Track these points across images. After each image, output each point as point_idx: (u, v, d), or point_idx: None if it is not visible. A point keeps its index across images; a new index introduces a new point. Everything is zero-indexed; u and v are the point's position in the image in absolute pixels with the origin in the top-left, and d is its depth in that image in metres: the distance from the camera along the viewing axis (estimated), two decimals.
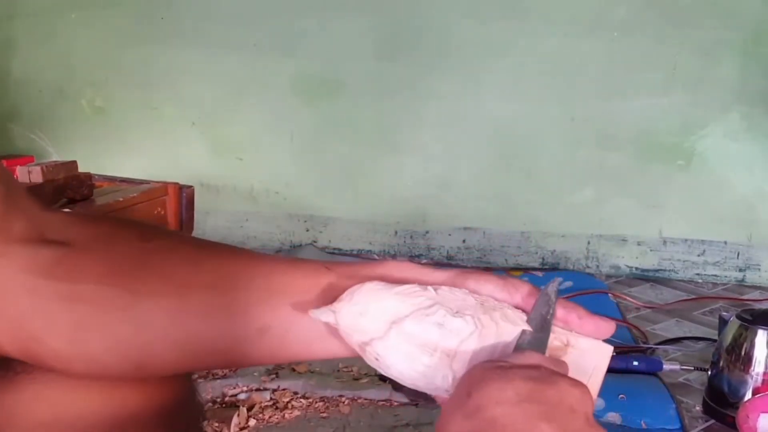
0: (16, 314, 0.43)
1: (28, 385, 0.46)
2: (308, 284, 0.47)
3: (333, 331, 0.46)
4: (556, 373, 0.40)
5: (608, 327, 0.47)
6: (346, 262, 0.50)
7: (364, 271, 0.48)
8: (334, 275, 0.48)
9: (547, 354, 0.45)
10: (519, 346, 0.44)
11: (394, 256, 2.05)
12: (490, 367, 0.40)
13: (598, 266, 1.99)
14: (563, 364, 0.44)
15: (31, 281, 0.43)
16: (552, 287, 0.47)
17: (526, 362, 0.41)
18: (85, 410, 0.47)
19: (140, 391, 0.49)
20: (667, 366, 1.31)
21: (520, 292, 0.47)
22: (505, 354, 0.44)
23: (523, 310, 0.47)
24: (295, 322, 0.46)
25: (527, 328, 0.45)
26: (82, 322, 0.44)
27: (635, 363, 1.30)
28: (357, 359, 0.45)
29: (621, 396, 1.19)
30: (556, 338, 0.46)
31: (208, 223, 2.07)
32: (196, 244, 0.50)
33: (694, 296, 1.80)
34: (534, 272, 1.88)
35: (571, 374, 0.43)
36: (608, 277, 1.96)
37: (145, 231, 0.49)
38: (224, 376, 1.29)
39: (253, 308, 0.46)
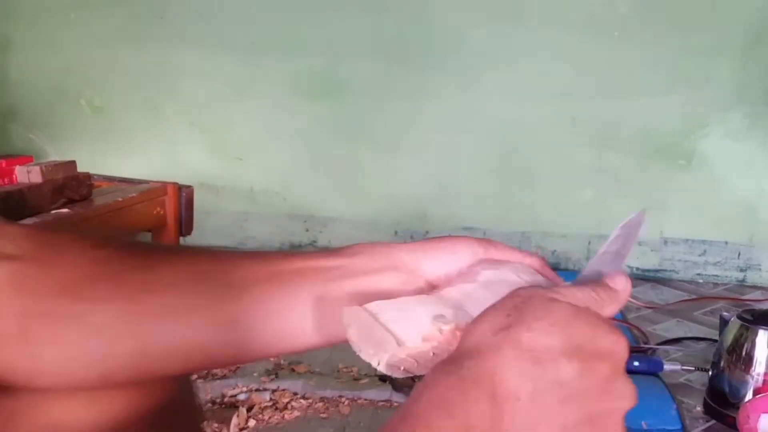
0: None
1: (25, 393, 0.45)
2: (268, 272, 0.46)
3: (311, 318, 0.45)
4: (600, 317, 0.39)
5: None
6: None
7: (328, 261, 0.47)
8: (297, 260, 0.47)
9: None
10: (579, 280, 0.44)
11: None
12: (535, 293, 0.40)
13: None
14: (616, 297, 0.42)
15: None
16: (636, 221, 0.47)
17: (575, 297, 0.40)
18: (82, 417, 0.47)
19: (137, 396, 0.48)
20: (667, 366, 1.30)
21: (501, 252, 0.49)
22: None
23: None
24: (263, 313, 0.45)
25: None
26: (39, 337, 0.43)
27: (636, 363, 1.30)
28: (357, 359, 0.44)
29: None
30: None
31: (207, 224, 2.07)
32: (149, 249, 0.49)
33: (694, 296, 1.79)
34: None
35: None
36: None
37: (97, 240, 0.48)
38: (223, 377, 1.29)
39: (216, 304, 0.45)
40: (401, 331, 0.42)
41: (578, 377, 0.37)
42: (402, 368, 0.41)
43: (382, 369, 0.41)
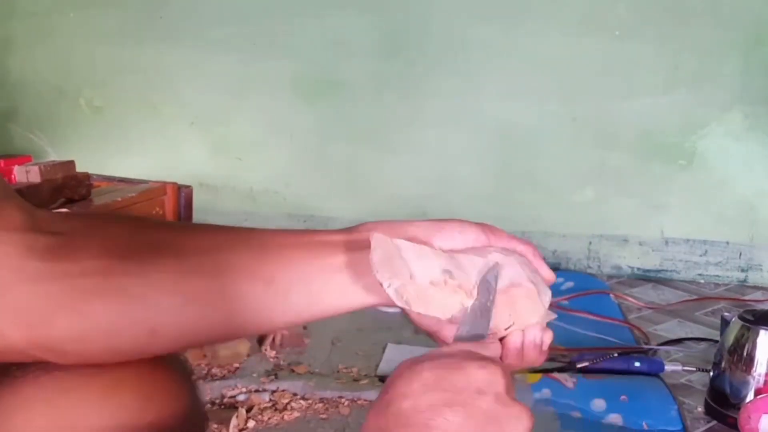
0: (18, 301, 0.43)
1: (26, 390, 0.45)
2: (295, 241, 0.50)
3: (348, 281, 0.49)
4: (466, 359, 0.42)
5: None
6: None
7: (339, 236, 0.51)
8: (317, 234, 0.51)
9: (489, 336, 0.49)
10: (456, 338, 0.48)
11: None
12: (404, 364, 0.43)
13: (599, 266, 1.98)
14: (491, 346, 0.47)
15: (31, 266, 0.43)
16: (491, 275, 0.51)
17: (444, 352, 0.44)
18: (81, 415, 0.47)
19: (138, 396, 0.48)
20: (668, 367, 1.30)
21: (500, 239, 0.54)
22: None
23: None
24: (298, 275, 0.48)
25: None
26: (90, 293, 0.44)
27: (637, 364, 1.29)
28: (357, 360, 0.46)
29: (622, 397, 1.18)
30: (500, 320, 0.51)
31: None
32: (184, 223, 0.52)
33: (695, 297, 1.79)
34: None
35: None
36: (610, 277, 1.95)
37: (135, 217, 0.51)
38: (223, 378, 1.29)
39: (254, 263, 0.48)
40: (415, 269, 0.49)
41: (467, 419, 0.39)
42: (404, 298, 0.48)
43: (390, 293, 0.47)
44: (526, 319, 0.51)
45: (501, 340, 0.51)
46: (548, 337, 0.52)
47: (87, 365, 0.47)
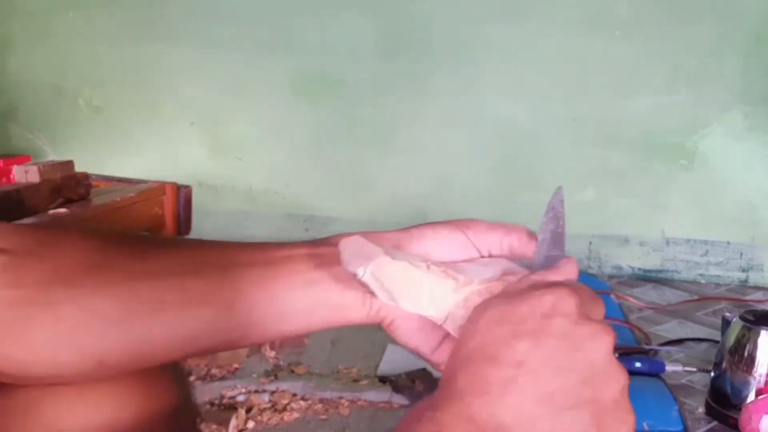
0: None
1: (21, 395, 0.45)
2: (260, 258, 0.47)
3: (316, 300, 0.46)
4: (530, 288, 0.40)
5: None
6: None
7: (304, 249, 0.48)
8: (287, 248, 0.48)
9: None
10: (532, 271, 0.46)
11: None
12: (474, 309, 0.41)
13: (600, 267, 1.98)
14: (564, 269, 0.45)
15: None
16: (557, 199, 0.48)
17: (511, 288, 0.42)
18: (76, 420, 0.46)
19: (132, 398, 0.48)
20: (669, 367, 1.30)
21: (477, 232, 0.50)
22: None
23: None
24: (256, 298, 0.45)
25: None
26: (33, 324, 0.43)
27: (637, 364, 1.29)
28: (357, 360, 0.44)
29: None
30: None
31: (206, 224, 2.05)
32: (141, 239, 0.50)
33: (696, 297, 1.78)
34: None
35: None
36: (610, 277, 1.95)
37: (86, 233, 0.48)
38: (222, 378, 1.29)
39: (208, 288, 0.45)
40: (391, 252, 0.44)
41: (536, 347, 0.37)
42: (386, 286, 0.43)
43: (367, 280, 0.42)
44: None
45: None
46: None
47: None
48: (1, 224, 0.47)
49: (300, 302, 0.46)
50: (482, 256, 0.50)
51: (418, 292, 0.44)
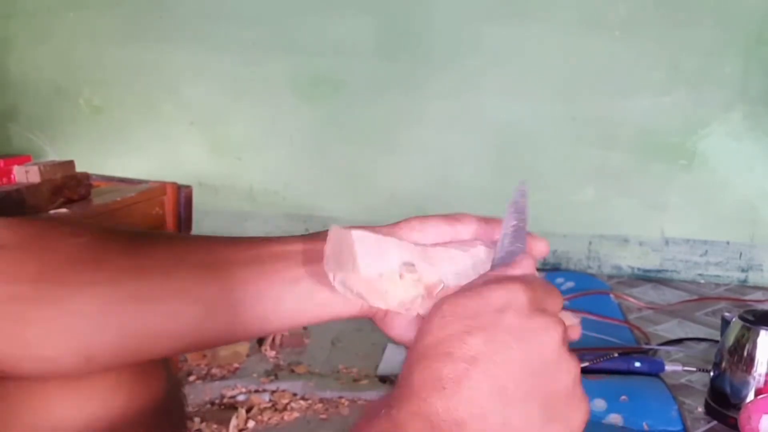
0: None
1: (10, 389, 0.45)
2: (249, 255, 0.48)
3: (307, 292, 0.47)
4: (483, 284, 0.41)
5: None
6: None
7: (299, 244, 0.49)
8: (276, 243, 0.48)
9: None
10: (492, 266, 0.47)
11: None
12: (436, 303, 0.42)
13: (599, 266, 1.98)
14: (523, 263, 0.45)
15: None
16: (519, 194, 0.50)
17: (467, 284, 0.43)
18: (65, 413, 0.47)
19: (116, 395, 0.48)
20: (669, 367, 1.30)
21: (467, 226, 0.51)
22: None
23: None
24: (245, 294, 0.46)
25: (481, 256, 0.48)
26: (22, 321, 0.43)
27: (637, 364, 1.29)
28: (357, 360, 0.45)
29: (623, 397, 1.18)
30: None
31: (206, 223, 2.06)
32: (130, 235, 0.50)
33: (696, 297, 1.79)
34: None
35: None
36: (610, 277, 1.95)
37: (76, 228, 0.48)
38: (223, 378, 1.29)
39: (196, 285, 0.46)
40: (364, 262, 0.45)
41: (489, 341, 0.38)
42: (355, 292, 0.45)
43: (337, 286, 0.45)
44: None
45: None
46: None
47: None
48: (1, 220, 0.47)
49: (288, 299, 0.47)
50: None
51: (387, 296, 0.46)
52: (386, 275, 0.46)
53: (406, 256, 0.47)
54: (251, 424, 1.15)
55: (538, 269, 0.49)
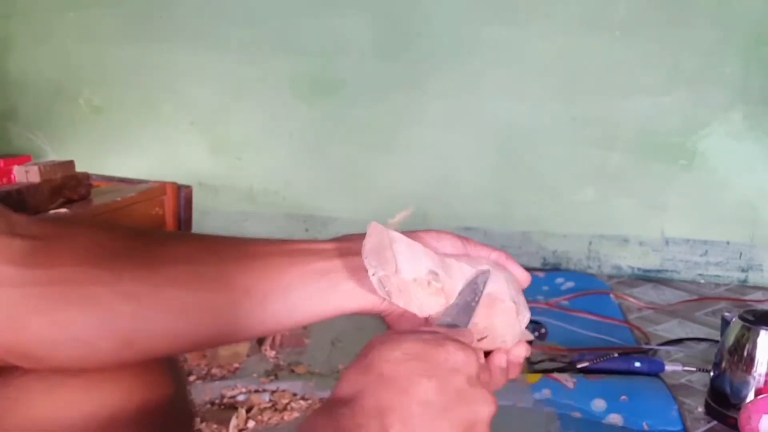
0: None
1: (16, 384, 0.45)
2: (270, 250, 0.50)
3: (325, 287, 0.49)
4: (447, 338, 0.44)
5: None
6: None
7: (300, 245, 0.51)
8: (292, 242, 0.51)
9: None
10: (438, 324, 0.49)
11: None
12: (387, 334, 0.45)
13: (599, 266, 1.98)
14: (467, 334, 0.48)
15: (5, 270, 0.42)
16: (482, 278, 0.52)
17: (426, 330, 0.45)
18: (65, 411, 0.47)
19: (121, 390, 0.48)
20: (669, 367, 1.30)
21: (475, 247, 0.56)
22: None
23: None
24: (270, 286, 0.48)
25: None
26: (64, 301, 0.44)
27: (637, 364, 1.29)
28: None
29: (623, 397, 1.18)
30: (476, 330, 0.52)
31: (206, 223, 2.06)
32: (153, 232, 0.53)
33: (696, 297, 1.79)
34: (535, 272, 1.87)
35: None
36: (610, 277, 1.95)
37: (105, 227, 0.50)
38: (223, 378, 1.29)
39: (230, 273, 0.48)
40: (402, 264, 0.49)
41: (439, 393, 0.41)
42: (386, 289, 0.48)
43: (374, 281, 0.48)
44: (500, 334, 0.52)
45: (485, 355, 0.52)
46: (526, 352, 0.54)
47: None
48: (18, 215, 0.47)
49: (314, 290, 0.49)
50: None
51: (411, 299, 0.50)
52: (418, 281, 0.50)
53: (431, 264, 0.51)
54: (251, 424, 1.14)
55: (538, 269, 0.51)
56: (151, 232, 0.51)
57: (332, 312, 0.50)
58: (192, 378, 1.28)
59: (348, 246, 0.50)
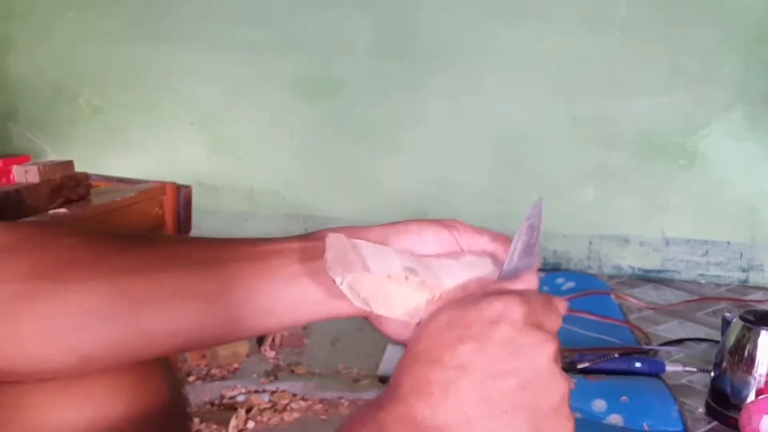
0: None
1: (8, 391, 0.45)
2: (247, 252, 0.47)
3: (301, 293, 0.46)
4: (482, 295, 0.42)
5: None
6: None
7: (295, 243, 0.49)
8: (273, 242, 0.48)
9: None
10: (498, 279, 0.47)
11: None
12: (431, 312, 0.43)
13: (600, 267, 1.98)
14: (525, 278, 0.46)
15: None
16: (536, 211, 0.50)
17: (467, 294, 0.44)
18: (63, 416, 0.46)
19: (117, 396, 0.48)
20: (669, 367, 1.30)
21: (462, 233, 0.52)
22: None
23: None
24: (244, 292, 0.46)
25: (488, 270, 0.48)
26: (16, 318, 0.43)
27: (637, 365, 1.29)
28: (357, 360, 0.45)
29: (623, 398, 1.18)
30: None
31: (206, 224, 2.06)
32: (125, 236, 0.49)
33: (696, 297, 1.78)
34: None
35: None
36: (610, 277, 1.94)
37: (70, 228, 0.48)
38: (222, 378, 1.29)
39: (191, 282, 0.45)
40: (371, 264, 0.45)
41: (478, 351, 0.39)
42: (361, 296, 0.44)
43: (344, 289, 0.43)
44: None
45: None
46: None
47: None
48: None
49: (285, 295, 0.46)
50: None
51: (392, 303, 0.45)
52: (393, 276, 0.45)
53: (406, 262, 0.47)
54: (251, 424, 1.14)
55: (538, 269, 0.49)
56: (118, 237, 0.48)
57: (306, 318, 0.48)
58: (191, 378, 1.28)
59: (320, 246, 0.47)
